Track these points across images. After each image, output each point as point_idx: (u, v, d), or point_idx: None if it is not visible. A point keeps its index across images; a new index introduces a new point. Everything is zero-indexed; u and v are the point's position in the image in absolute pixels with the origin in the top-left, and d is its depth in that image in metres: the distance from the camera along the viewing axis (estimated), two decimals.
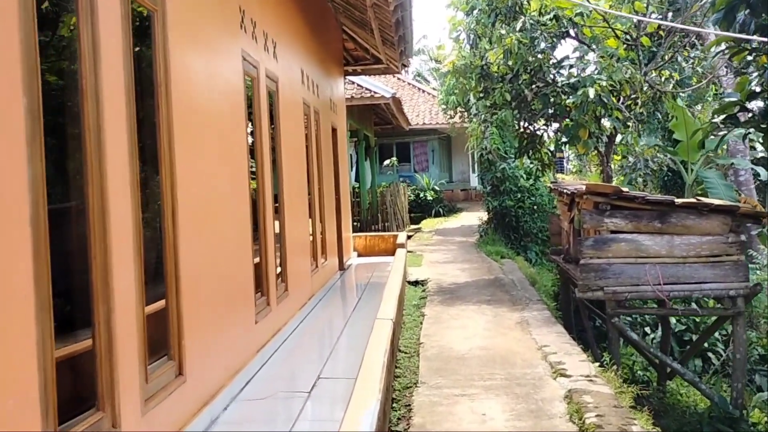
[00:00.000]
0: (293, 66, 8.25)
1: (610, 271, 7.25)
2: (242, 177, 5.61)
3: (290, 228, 7.54)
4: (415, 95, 29.49)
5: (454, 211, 25.62)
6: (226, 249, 5.02)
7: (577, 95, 9.43)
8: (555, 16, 10.17)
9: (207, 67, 4.78)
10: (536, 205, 16.27)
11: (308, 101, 9.19)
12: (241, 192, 5.55)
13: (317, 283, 9.36)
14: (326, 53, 11.44)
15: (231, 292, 5.13)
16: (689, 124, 15.45)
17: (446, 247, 15.91)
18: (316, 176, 9.63)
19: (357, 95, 16.67)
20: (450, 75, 11.44)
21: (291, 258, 7.48)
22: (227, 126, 5.24)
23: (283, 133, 7.31)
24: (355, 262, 13.47)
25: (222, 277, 4.89)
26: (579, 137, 10.16)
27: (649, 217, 7.25)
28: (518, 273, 11.74)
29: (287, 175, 7.48)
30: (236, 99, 5.52)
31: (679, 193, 19.36)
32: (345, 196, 13.24)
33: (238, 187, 5.48)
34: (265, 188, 6.40)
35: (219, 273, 4.82)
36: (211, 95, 4.86)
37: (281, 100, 7.29)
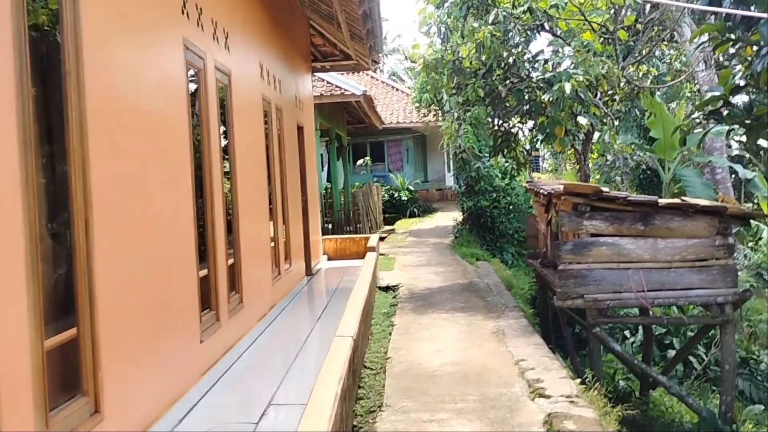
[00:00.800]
0: (250, 59, 7.66)
1: (590, 277, 6.76)
2: (183, 179, 5.01)
3: (246, 234, 6.95)
4: (389, 94, 28.97)
5: (429, 212, 25.14)
6: (160, 262, 4.43)
7: (553, 91, 8.96)
8: (529, 8, 9.69)
9: (135, 54, 4.18)
10: (512, 205, 15.81)
11: (269, 97, 8.60)
12: (181, 196, 4.96)
13: (280, 291, 8.78)
14: (291, 48, 10.86)
15: (168, 310, 4.54)
16: (666, 121, 15.12)
17: (420, 249, 15.40)
18: (278, 177, 9.04)
19: (327, 93, 16.09)
20: (421, 70, 10.91)
21: (247, 266, 6.90)
22: (164, 122, 4.65)
23: (237, 131, 6.73)
24: (324, 267, 12.90)
25: (155, 294, 4.30)
26: (555, 135, 9.71)
27: (631, 219, 6.78)
28: (494, 276, 11.26)
29: (243, 176, 6.89)
30: (176, 92, 4.93)
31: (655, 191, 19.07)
32: (313, 197, 12.66)
33: (178, 191, 4.89)
34: (215, 191, 5.81)
35: (151, 290, 4.23)
36: (142, 87, 4.27)
37: (235, 96, 6.70)
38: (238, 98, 6.88)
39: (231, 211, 6.54)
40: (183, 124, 5.04)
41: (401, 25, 72.94)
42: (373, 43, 12.00)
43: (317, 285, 11.08)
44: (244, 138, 7.05)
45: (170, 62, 4.86)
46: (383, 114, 25.55)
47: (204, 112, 5.71)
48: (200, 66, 5.62)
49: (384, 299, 9.88)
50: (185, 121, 5.07)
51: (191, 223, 5.12)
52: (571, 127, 9.68)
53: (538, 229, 9.41)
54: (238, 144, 6.77)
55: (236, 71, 6.82)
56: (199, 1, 5.59)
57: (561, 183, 8.08)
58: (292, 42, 10.97)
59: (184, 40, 5.15)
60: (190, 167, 5.13)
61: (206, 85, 5.74)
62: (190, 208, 5.11)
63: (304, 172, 11.64)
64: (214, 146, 5.87)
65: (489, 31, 9.46)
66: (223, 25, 6.37)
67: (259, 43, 8.28)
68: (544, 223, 8.48)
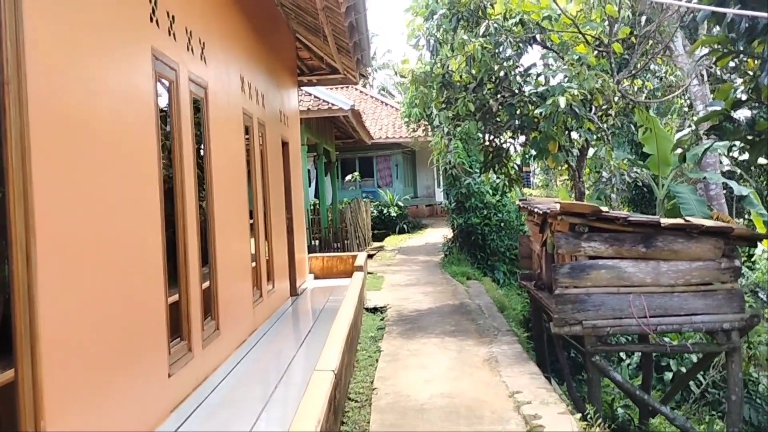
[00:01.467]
0: (230, 71, 7.29)
1: (589, 302, 6.39)
2: (150, 198, 4.61)
3: (224, 254, 6.54)
4: (378, 108, 28.71)
5: (419, 228, 24.78)
6: (121, 289, 4.02)
7: (547, 105, 8.63)
8: (521, 20, 9.39)
9: (93, 63, 3.79)
10: (503, 222, 15.46)
11: (250, 112, 8.23)
12: (148, 216, 4.56)
13: (262, 314, 8.35)
14: (275, 61, 10.51)
15: (130, 343, 4.12)
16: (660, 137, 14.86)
17: (409, 267, 15.01)
18: (260, 194, 8.65)
19: (314, 107, 15.75)
20: (410, 84, 10.58)
21: (225, 289, 6.48)
22: (128, 137, 4.26)
23: (214, 147, 6.34)
24: (310, 286, 12.48)
25: (114, 326, 3.88)
26: (548, 151, 9.38)
27: (632, 240, 6.42)
28: (485, 297, 10.87)
29: (220, 193, 6.49)
30: (142, 105, 4.54)
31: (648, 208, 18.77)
32: (299, 214, 12.26)
33: (144, 210, 4.49)
34: (187, 210, 5.41)
35: (109, 321, 3.81)
36: (101, 99, 3.88)
37: (212, 110, 6.32)
38: (216, 112, 6.50)
39: (207, 231, 6.14)
40: (151, 139, 4.65)
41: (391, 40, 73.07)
42: (360, 56, 11.68)
43: (302, 306, 10.65)
44: (222, 153, 6.67)
45: (136, 73, 4.48)
46: (372, 129, 25.26)
47: (176, 127, 5.32)
48: (172, 77, 5.24)
49: (371, 321, 9.47)
50: (153, 136, 4.68)
51: (159, 245, 4.71)
52: (565, 142, 9.35)
53: (532, 250, 9.05)
54: (216, 160, 6.38)
55: (214, 84, 6.45)
56: (171, 9, 5.23)
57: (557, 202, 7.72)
58: (276, 55, 10.63)
59: (152, 50, 4.77)
60: (158, 185, 4.73)
61: (179, 98, 5.36)
62: (158, 228, 4.71)
63: (289, 189, 11.25)
64: (187, 162, 5.48)
65: (480, 44, 9.15)
66: (198, 34, 6.01)
67: (240, 55, 7.92)
68: (539, 243, 8.11)
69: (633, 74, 9.78)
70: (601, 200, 17.07)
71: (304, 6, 10.41)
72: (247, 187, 7.98)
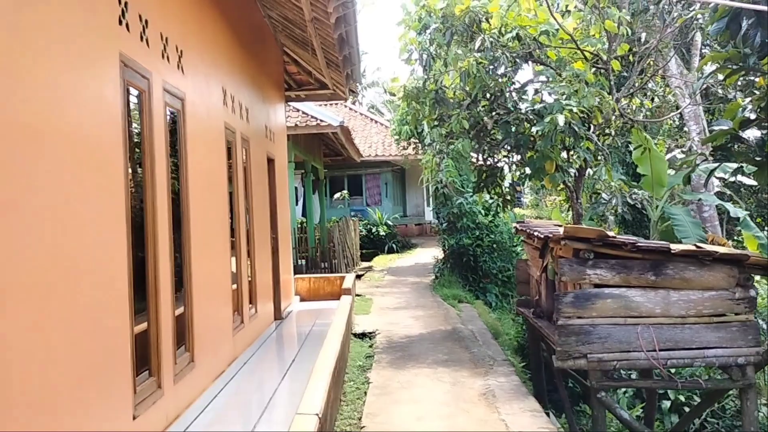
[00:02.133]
0: (211, 83, 6.85)
1: (594, 334, 5.94)
2: (115, 217, 4.14)
3: (201, 277, 6.06)
4: (367, 126, 28.37)
5: (409, 247, 24.34)
6: (74, 319, 3.53)
7: (544, 123, 8.26)
8: (517, 35, 9.04)
9: (46, 68, 3.34)
10: (496, 244, 15.03)
11: (233, 126, 7.79)
12: (111, 236, 4.08)
13: (243, 341, 7.85)
14: (261, 74, 10.10)
15: (85, 382, 3.63)
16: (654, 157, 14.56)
17: (399, 289, 14.53)
18: (242, 212, 8.18)
19: (302, 123, 15.34)
20: (402, 100, 10.19)
21: (201, 315, 5.99)
22: (88, 149, 3.80)
23: (192, 162, 5.88)
24: (296, 309, 11.96)
25: (63, 364, 3.39)
26: (545, 170, 9.00)
27: (640, 267, 6.00)
28: (478, 322, 10.42)
29: (198, 212, 6.03)
30: (107, 116, 4.09)
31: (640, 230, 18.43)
32: (285, 234, 11.79)
33: (106, 230, 4.01)
34: (159, 229, 4.94)
35: (56, 358, 3.32)
36: (58, 109, 3.42)
37: (189, 123, 5.87)
38: (195, 126, 6.06)
39: (182, 252, 5.66)
40: (116, 152, 4.19)
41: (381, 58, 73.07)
42: (350, 71, 11.31)
43: (287, 330, 10.14)
44: (201, 170, 6.21)
45: (101, 80, 4.03)
46: (362, 147, 24.88)
47: (148, 140, 4.86)
48: (143, 87, 4.79)
49: (360, 348, 8.99)
50: (120, 149, 4.22)
51: (124, 268, 4.23)
52: (563, 162, 8.97)
53: (530, 275, 8.60)
54: (194, 176, 5.92)
55: (192, 95, 6.00)
56: (144, 12, 4.79)
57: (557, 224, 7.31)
58: (262, 68, 10.22)
59: (121, 56, 4.33)
60: (124, 202, 4.26)
61: (151, 108, 4.91)
62: (123, 250, 4.23)
63: (275, 207, 10.79)
64: (160, 179, 5.02)
65: (475, 59, 8.78)
66: (176, 42, 5.57)
67: (223, 66, 7.49)
68: (538, 269, 7.67)
69: (632, 93, 9.44)
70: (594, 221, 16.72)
71: (292, 18, 10.04)
72: (229, 205, 7.53)
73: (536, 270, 7.96)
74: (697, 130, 16.84)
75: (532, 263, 8.31)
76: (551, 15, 8.58)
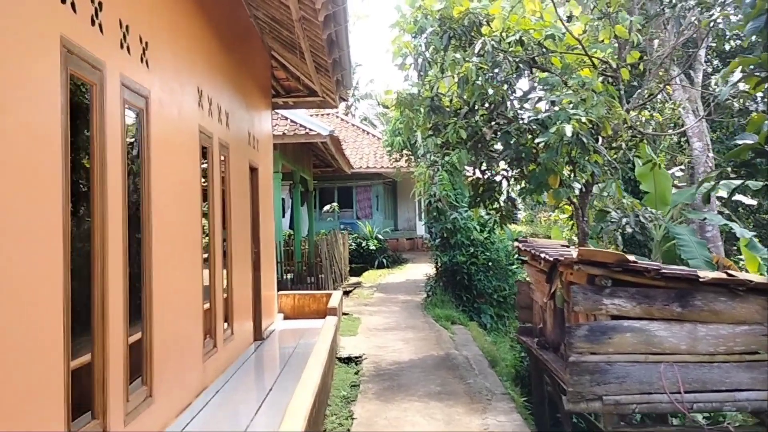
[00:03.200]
0: (183, 82, 6.16)
1: (610, 372, 5.25)
2: (51, 231, 3.43)
3: (165, 299, 5.34)
4: (359, 137, 27.75)
5: (399, 262, 23.62)
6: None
7: (549, 134, 7.62)
8: (520, 39, 8.41)
9: None
10: (491, 262, 14.34)
11: (210, 131, 7.10)
12: (42, 259, 3.36)
13: (216, 367, 7.11)
14: (246, 78, 9.43)
15: None
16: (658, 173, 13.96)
17: (388, 308, 13.80)
18: (219, 224, 7.46)
19: (290, 132, 14.66)
20: (395, 108, 9.53)
21: (163, 342, 5.27)
22: (15, 153, 3.10)
23: (156, 167, 5.18)
24: (279, 328, 11.21)
25: None
26: (548, 185, 8.35)
27: (664, 297, 5.32)
28: (473, 347, 9.71)
29: (162, 223, 5.32)
30: (42, 108, 3.39)
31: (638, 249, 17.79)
32: (268, 247, 11.06)
33: (36, 250, 3.30)
34: (108, 243, 4.22)
35: None
36: None
37: (154, 123, 5.17)
38: (161, 127, 5.36)
39: (141, 269, 4.94)
40: (53, 151, 3.48)
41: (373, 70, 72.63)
42: (340, 76, 10.65)
43: (267, 353, 9.39)
44: (167, 175, 5.50)
45: (32, 68, 3.33)
46: (353, 158, 24.24)
47: (98, 140, 4.15)
48: (94, 79, 4.09)
49: (344, 375, 8.26)
50: (57, 148, 3.52)
51: (58, 290, 3.51)
52: (566, 177, 8.32)
53: (533, 300, 7.91)
54: (158, 182, 5.21)
55: (159, 93, 5.31)
56: None
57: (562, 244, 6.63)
58: (247, 71, 9.56)
59: (63, 40, 3.64)
60: (61, 213, 3.55)
61: (103, 104, 4.21)
62: (58, 268, 3.51)
63: (257, 219, 10.08)
64: (113, 184, 4.30)
65: (474, 64, 8.14)
66: (139, 32, 4.89)
67: (200, 65, 6.81)
68: (545, 295, 6.98)
69: (643, 103, 8.82)
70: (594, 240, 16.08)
71: (279, 18, 9.40)
72: (203, 216, 6.82)
73: (541, 295, 7.27)
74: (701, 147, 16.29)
75: (537, 287, 7.61)
76: (558, 17, 7.96)
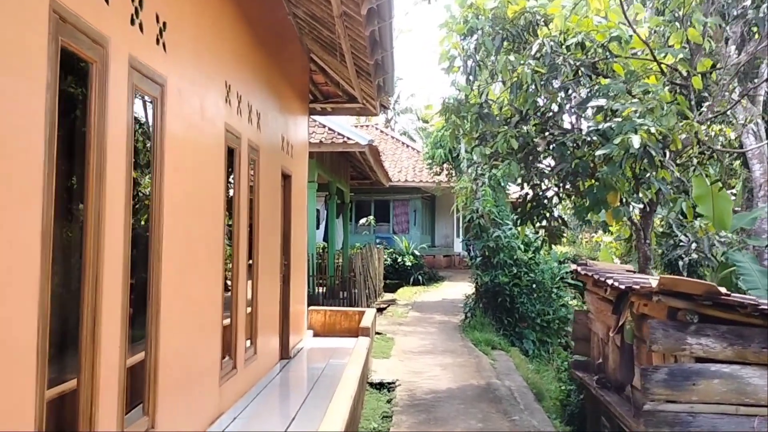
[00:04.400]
0: (208, 72, 5.57)
1: (693, 425, 4.42)
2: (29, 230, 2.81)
3: (175, 315, 4.71)
4: (398, 150, 27.13)
5: (436, 280, 22.81)
6: None
7: (612, 146, 6.82)
8: (581, 42, 7.65)
9: None
10: (535, 284, 13.44)
11: (238, 130, 6.50)
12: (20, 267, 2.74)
13: (234, 390, 6.45)
14: (282, 79, 8.87)
15: None
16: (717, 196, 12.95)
17: (424, 328, 13.03)
18: (243, 233, 6.83)
19: (327, 140, 14.07)
20: (439, 114, 8.83)
21: (171, 365, 4.63)
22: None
23: (169, 164, 4.56)
24: (308, 346, 10.53)
25: None
26: (607, 203, 7.53)
27: (761, 338, 4.48)
28: (516, 377, 8.89)
29: (176, 229, 4.70)
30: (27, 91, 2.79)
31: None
32: (299, 260, 10.43)
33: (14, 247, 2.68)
34: (102, 256, 3.59)
35: None
36: None
37: (171, 115, 4.56)
38: (179, 120, 4.75)
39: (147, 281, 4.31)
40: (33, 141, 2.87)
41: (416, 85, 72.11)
42: (382, 81, 9.99)
43: (294, 373, 8.71)
44: (184, 176, 4.89)
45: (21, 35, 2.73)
46: (391, 171, 23.60)
47: (96, 128, 3.53)
48: (94, 56, 3.49)
49: (376, 403, 7.53)
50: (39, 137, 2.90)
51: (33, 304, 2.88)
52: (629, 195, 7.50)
53: (592, 331, 7.08)
54: (172, 183, 4.59)
55: (178, 81, 4.71)
56: None
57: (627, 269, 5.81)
58: (283, 71, 8.99)
59: (53, 6, 3.03)
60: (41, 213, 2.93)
61: (105, 86, 3.60)
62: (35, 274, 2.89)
63: (288, 229, 9.46)
64: (113, 182, 3.68)
65: (530, 68, 7.39)
66: (155, 8, 4.29)
67: (228, 56, 6.23)
68: (608, 327, 6.15)
69: (714, 116, 7.95)
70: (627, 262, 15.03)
71: (319, 15, 8.81)
72: (227, 222, 6.20)
73: (603, 327, 6.43)
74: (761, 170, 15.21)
75: (597, 317, 6.76)
76: (624, 17, 7.18)
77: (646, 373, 4.49)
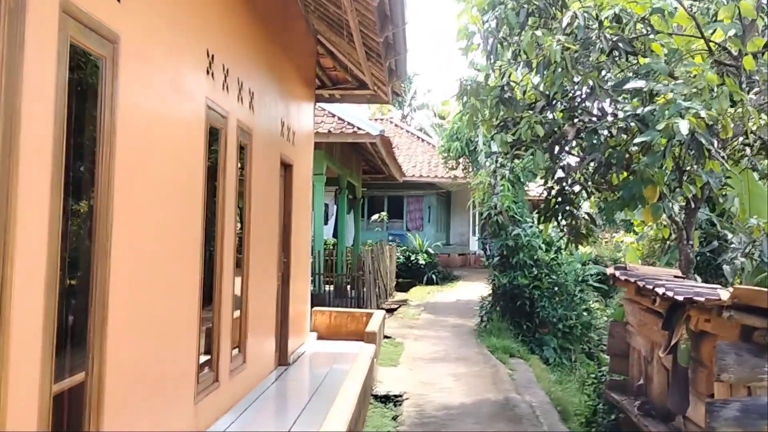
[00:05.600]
0: (183, 35, 4.75)
1: None
2: None
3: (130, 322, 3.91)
4: (413, 144, 26.27)
5: (450, 279, 21.94)
6: None
7: (654, 132, 5.92)
8: (616, 15, 6.74)
9: None
10: (557, 287, 12.49)
11: (224, 109, 5.68)
12: None
13: (216, 405, 5.65)
14: (284, 59, 8.08)
15: None
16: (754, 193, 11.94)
17: (436, 332, 12.16)
18: (229, 225, 6.00)
19: (336, 130, 13.23)
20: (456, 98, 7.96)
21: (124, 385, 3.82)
22: None
23: (128, 143, 3.74)
24: (310, 350, 9.74)
25: None
26: (644, 199, 6.63)
27: None
28: (537, 390, 8.01)
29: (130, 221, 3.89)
30: None
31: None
32: (302, 257, 9.63)
33: None
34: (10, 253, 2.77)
35: None
36: None
37: (125, 81, 3.73)
38: (138, 87, 3.93)
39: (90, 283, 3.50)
40: None
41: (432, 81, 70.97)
42: (393, 63, 9.15)
43: (291, 382, 7.91)
44: (144, 155, 4.07)
45: None
46: (405, 166, 22.74)
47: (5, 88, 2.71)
48: None
49: (379, 420, 6.69)
50: None
51: None
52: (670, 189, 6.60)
53: (630, 346, 6.15)
54: (127, 164, 3.77)
55: (136, 39, 3.88)
56: None
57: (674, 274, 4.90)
58: (286, 51, 8.18)
59: None
60: None
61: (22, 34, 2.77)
62: None
63: (289, 223, 8.65)
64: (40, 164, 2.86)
65: (560, 43, 6.51)
66: None
67: (214, 22, 5.42)
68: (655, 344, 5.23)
69: None
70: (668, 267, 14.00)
71: None
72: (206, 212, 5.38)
73: (646, 343, 5.51)
74: None
75: (639, 331, 5.82)
76: None
77: (712, 408, 3.59)
